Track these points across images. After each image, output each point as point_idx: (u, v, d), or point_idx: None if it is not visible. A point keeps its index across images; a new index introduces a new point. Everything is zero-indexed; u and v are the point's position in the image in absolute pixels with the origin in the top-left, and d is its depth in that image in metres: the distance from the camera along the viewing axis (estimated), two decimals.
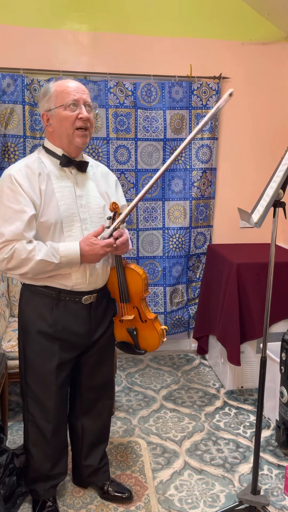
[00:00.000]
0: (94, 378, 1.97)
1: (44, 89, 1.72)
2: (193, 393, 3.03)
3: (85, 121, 1.70)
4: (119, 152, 3.19)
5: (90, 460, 2.06)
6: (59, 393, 1.85)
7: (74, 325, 1.80)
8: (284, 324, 2.98)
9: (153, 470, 2.29)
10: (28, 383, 1.84)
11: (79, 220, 1.73)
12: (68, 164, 1.74)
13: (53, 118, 1.70)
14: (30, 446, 1.92)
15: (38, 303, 1.77)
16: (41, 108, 1.73)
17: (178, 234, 3.39)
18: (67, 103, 1.66)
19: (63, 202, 1.70)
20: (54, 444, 1.91)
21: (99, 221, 1.79)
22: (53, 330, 1.77)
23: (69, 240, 1.70)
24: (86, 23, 3.07)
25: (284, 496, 2.14)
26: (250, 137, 3.43)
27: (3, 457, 2.04)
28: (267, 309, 1.87)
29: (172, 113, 3.21)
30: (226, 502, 2.09)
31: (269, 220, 1.87)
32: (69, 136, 1.70)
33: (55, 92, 1.69)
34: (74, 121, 1.68)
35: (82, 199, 1.75)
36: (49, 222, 1.67)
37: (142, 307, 1.87)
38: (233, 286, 2.86)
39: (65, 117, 1.67)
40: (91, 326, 1.85)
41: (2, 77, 2.91)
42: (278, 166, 1.78)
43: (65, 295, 1.76)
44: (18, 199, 1.62)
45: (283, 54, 3.34)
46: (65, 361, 1.84)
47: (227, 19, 3.23)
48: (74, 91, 1.69)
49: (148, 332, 1.90)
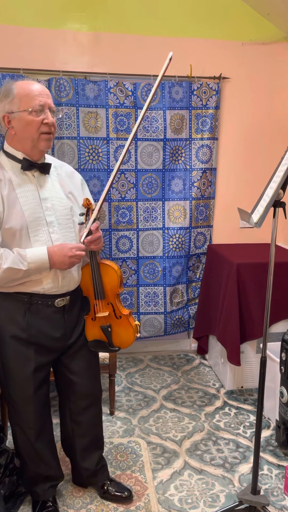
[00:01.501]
0: (81, 383, 1.93)
1: (5, 90, 1.64)
2: (193, 393, 3.03)
3: (50, 126, 1.67)
4: (119, 152, 3.19)
5: (86, 464, 2.05)
6: (37, 398, 1.82)
7: (48, 329, 1.77)
8: (284, 324, 2.98)
9: (153, 470, 2.29)
10: (8, 389, 1.82)
11: (46, 224, 1.69)
12: (29, 167, 1.69)
13: (16, 121, 1.63)
14: (20, 449, 1.91)
15: (10, 308, 1.73)
16: (2, 108, 1.65)
17: (178, 234, 3.39)
18: (33, 108, 1.62)
19: (27, 206, 1.65)
20: (40, 448, 1.88)
21: (66, 223, 1.75)
22: (27, 335, 1.73)
23: (37, 245, 1.66)
24: (86, 23, 3.07)
25: (284, 496, 2.14)
26: (250, 137, 3.43)
27: (3, 457, 2.04)
28: (267, 309, 1.87)
29: (172, 113, 3.21)
30: (226, 502, 2.09)
31: (269, 220, 1.87)
32: (33, 141, 1.66)
33: (19, 94, 1.62)
34: (40, 126, 1.65)
35: (47, 202, 1.71)
36: (14, 229, 1.63)
37: (116, 303, 1.84)
38: (233, 286, 2.86)
39: (30, 122, 1.63)
40: (66, 329, 1.82)
41: (2, 77, 2.91)
42: (278, 166, 1.78)
43: (37, 299, 1.72)
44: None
45: (283, 54, 3.34)
46: (42, 365, 1.81)
47: (227, 19, 3.23)
48: (39, 95, 1.64)
49: (123, 328, 1.88)
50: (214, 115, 3.28)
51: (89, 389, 1.96)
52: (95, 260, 1.78)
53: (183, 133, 3.28)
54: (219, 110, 3.29)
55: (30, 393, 1.79)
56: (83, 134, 3.11)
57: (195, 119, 3.28)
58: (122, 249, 3.33)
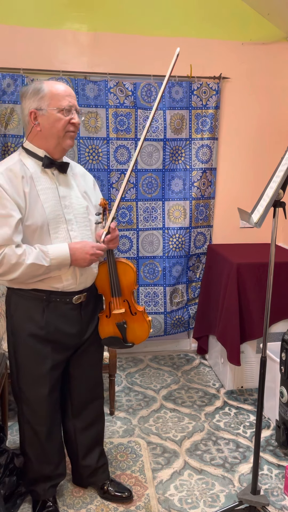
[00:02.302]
0: (84, 379, 1.96)
1: (34, 88, 1.68)
2: (193, 393, 3.03)
3: (77, 126, 1.73)
4: (119, 152, 3.19)
5: (87, 461, 2.06)
6: (52, 396, 1.85)
7: (65, 326, 1.79)
8: (284, 324, 2.98)
9: (153, 470, 2.29)
10: (21, 387, 1.83)
11: (65, 222, 1.72)
12: (50, 165, 1.72)
13: (44, 118, 1.67)
14: (27, 448, 1.92)
15: (28, 306, 1.75)
16: (29, 105, 1.68)
17: (178, 234, 3.39)
18: (63, 107, 1.67)
19: (48, 204, 1.68)
20: (49, 447, 1.91)
21: (83, 221, 1.79)
22: (45, 332, 1.76)
23: (56, 242, 1.69)
24: (86, 23, 3.07)
25: (284, 496, 2.14)
26: (250, 137, 3.43)
27: (3, 457, 2.04)
28: (267, 309, 1.87)
29: (172, 113, 3.21)
30: (226, 502, 2.09)
31: (269, 220, 1.87)
32: (59, 138, 1.70)
33: (50, 93, 1.67)
34: (67, 125, 1.69)
35: (65, 200, 1.75)
36: (35, 225, 1.66)
37: (132, 300, 1.89)
38: (233, 286, 2.86)
39: (58, 119, 1.67)
40: (81, 325, 1.85)
41: (2, 77, 2.91)
42: (278, 166, 1.78)
43: (55, 296, 1.74)
44: (3, 203, 1.60)
45: (283, 54, 3.34)
46: (58, 363, 1.83)
47: (227, 19, 3.23)
48: (68, 96, 1.69)
49: (138, 324, 1.91)
50: (214, 115, 3.28)
51: (93, 383, 1.99)
52: (112, 259, 1.83)
53: (183, 133, 3.28)
54: (219, 110, 3.29)
55: (46, 392, 1.82)
56: (83, 134, 3.11)
57: (195, 119, 3.28)
58: (122, 249, 3.33)
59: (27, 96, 1.69)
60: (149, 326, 1.91)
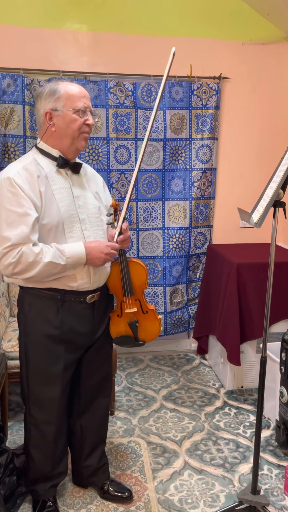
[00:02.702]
0: (93, 377, 1.98)
1: (50, 89, 1.70)
2: (193, 393, 3.03)
3: (91, 127, 1.76)
4: (119, 152, 3.19)
5: (90, 460, 2.06)
6: (63, 396, 1.86)
7: (79, 325, 1.81)
8: (284, 324, 2.98)
9: (153, 470, 2.29)
10: (31, 387, 1.84)
11: (79, 221, 1.75)
12: (64, 165, 1.75)
13: (59, 118, 1.70)
14: (31, 448, 1.92)
15: (42, 306, 1.76)
16: (44, 106, 1.71)
17: (178, 234, 3.39)
18: (79, 108, 1.70)
19: (63, 203, 1.71)
20: (56, 446, 1.91)
21: (96, 221, 1.81)
22: (59, 332, 1.77)
23: (70, 241, 1.71)
24: (86, 23, 3.07)
25: (284, 496, 2.14)
26: (250, 137, 3.43)
27: (3, 457, 2.04)
28: (267, 309, 1.87)
29: (172, 113, 3.21)
30: (226, 502, 2.09)
31: (269, 220, 1.87)
32: (74, 138, 1.73)
33: (66, 93, 1.69)
34: (82, 126, 1.72)
35: (79, 200, 1.77)
36: (51, 224, 1.68)
37: (143, 299, 1.92)
38: (233, 286, 2.86)
39: (74, 120, 1.70)
40: (94, 325, 1.86)
41: (2, 77, 2.91)
42: (278, 166, 1.78)
43: (69, 296, 1.76)
44: (20, 202, 1.62)
45: (283, 54, 3.34)
46: (70, 363, 1.85)
47: (227, 19, 3.23)
48: (84, 97, 1.72)
49: (149, 322, 1.95)
50: (214, 115, 3.28)
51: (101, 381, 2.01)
52: (125, 258, 1.86)
53: (183, 133, 3.27)
54: (219, 110, 3.29)
55: (58, 392, 1.83)
56: None
57: (195, 119, 3.28)
58: None
59: (43, 97, 1.72)
60: (160, 324, 1.96)
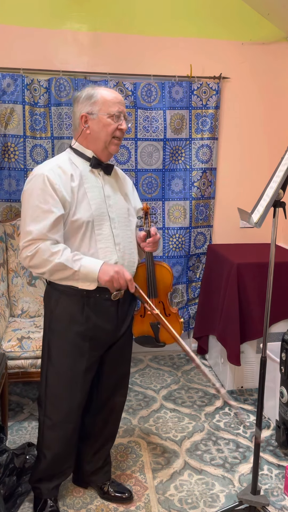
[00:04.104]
0: (113, 375, 1.99)
1: (87, 93, 1.77)
2: (193, 393, 3.03)
3: (123, 132, 1.80)
4: (119, 152, 3.19)
5: (95, 458, 2.07)
6: (83, 394, 1.88)
7: (103, 322, 1.82)
8: (284, 324, 2.98)
9: (153, 470, 2.29)
10: (50, 384, 1.85)
11: (109, 219, 1.79)
12: (97, 166, 1.80)
13: (94, 122, 1.75)
14: (45, 449, 1.93)
15: (68, 302, 1.78)
16: (80, 109, 1.77)
17: (178, 234, 3.38)
18: (113, 113, 1.74)
19: (94, 201, 1.75)
20: (70, 445, 1.93)
21: (125, 221, 1.86)
22: (84, 328, 1.78)
23: (100, 239, 1.75)
24: (86, 23, 3.07)
25: (284, 496, 2.14)
26: (250, 137, 3.43)
27: (3, 457, 2.04)
28: (267, 309, 1.87)
29: (172, 113, 3.21)
30: (226, 502, 2.09)
31: (269, 220, 1.87)
32: (106, 142, 1.78)
33: (102, 98, 1.75)
34: (114, 130, 1.76)
35: (110, 200, 1.81)
36: (81, 221, 1.71)
37: (167, 302, 1.93)
38: (233, 286, 2.86)
39: (108, 124, 1.75)
40: (117, 322, 1.87)
41: (2, 77, 2.91)
42: (278, 166, 1.78)
43: (95, 292, 1.77)
44: (46, 199, 1.66)
45: (284, 54, 3.34)
46: (93, 360, 1.86)
47: (227, 19, 3.23)
48: (119, 103, 1.78)
49: (171, 325, 1.96)
50: (214, 115, 3.28)
51: (120, 379, 2.02)
52: (152, 262, 1.87)
53: (183, 133, 3.28)
54: (219, 110, 3.30)
55: (78, 388, 1.84)
56: None
57: (195, 119, 3.28)
58: None
59: (80, 101, 1.78)
60: (181, 328, 1.97)
